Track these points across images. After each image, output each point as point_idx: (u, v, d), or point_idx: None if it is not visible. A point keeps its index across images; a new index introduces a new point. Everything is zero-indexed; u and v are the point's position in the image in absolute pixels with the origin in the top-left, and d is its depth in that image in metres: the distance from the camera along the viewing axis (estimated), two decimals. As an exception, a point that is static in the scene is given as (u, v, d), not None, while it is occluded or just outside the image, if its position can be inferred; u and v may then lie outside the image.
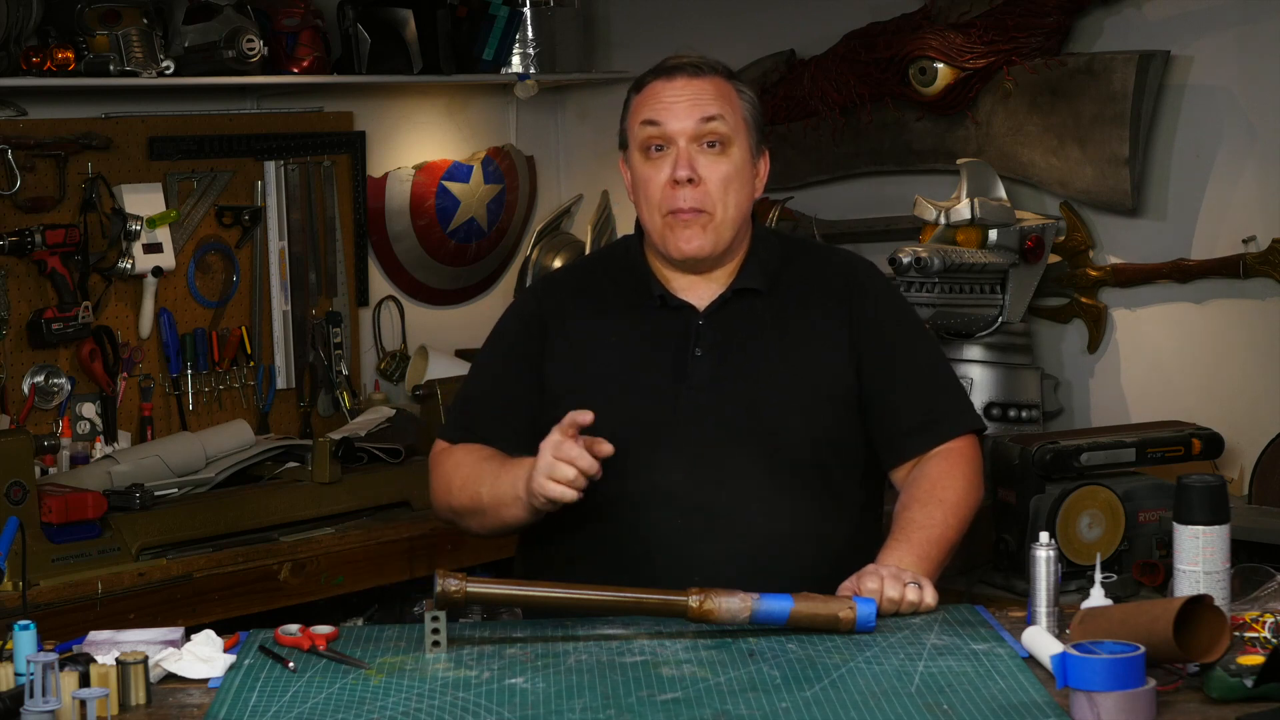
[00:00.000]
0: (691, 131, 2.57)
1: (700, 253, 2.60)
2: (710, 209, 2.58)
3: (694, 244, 2.59)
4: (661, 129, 2.58)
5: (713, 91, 2.59)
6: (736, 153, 2.61)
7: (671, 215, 2.58)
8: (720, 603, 2.35)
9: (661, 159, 2.58)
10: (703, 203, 2.58)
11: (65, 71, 3.80)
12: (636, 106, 2.63)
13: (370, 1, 4.33)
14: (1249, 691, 2.08)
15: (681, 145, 2.57)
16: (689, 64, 2.61)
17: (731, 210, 2.60)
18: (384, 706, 2.14)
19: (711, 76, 2.61)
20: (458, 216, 4.72)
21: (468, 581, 2.35)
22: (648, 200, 2.61)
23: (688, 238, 2.59)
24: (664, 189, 2.58)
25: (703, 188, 2.57)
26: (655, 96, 2.60)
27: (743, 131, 2.62)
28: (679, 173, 2.56)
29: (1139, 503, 3.34)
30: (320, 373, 4.39)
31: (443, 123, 4.73)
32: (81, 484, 3.58)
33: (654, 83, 2.61)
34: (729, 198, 2.60)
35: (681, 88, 2.59)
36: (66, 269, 3.90)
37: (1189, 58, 3.83)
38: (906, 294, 3.75)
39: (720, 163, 2.59)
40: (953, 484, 2.61)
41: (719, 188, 2.59)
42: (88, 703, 2.00)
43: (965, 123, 4.08)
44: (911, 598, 2.45)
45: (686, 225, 2.58)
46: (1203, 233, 3.84)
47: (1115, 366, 4.01)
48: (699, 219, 2.58)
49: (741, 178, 2.62)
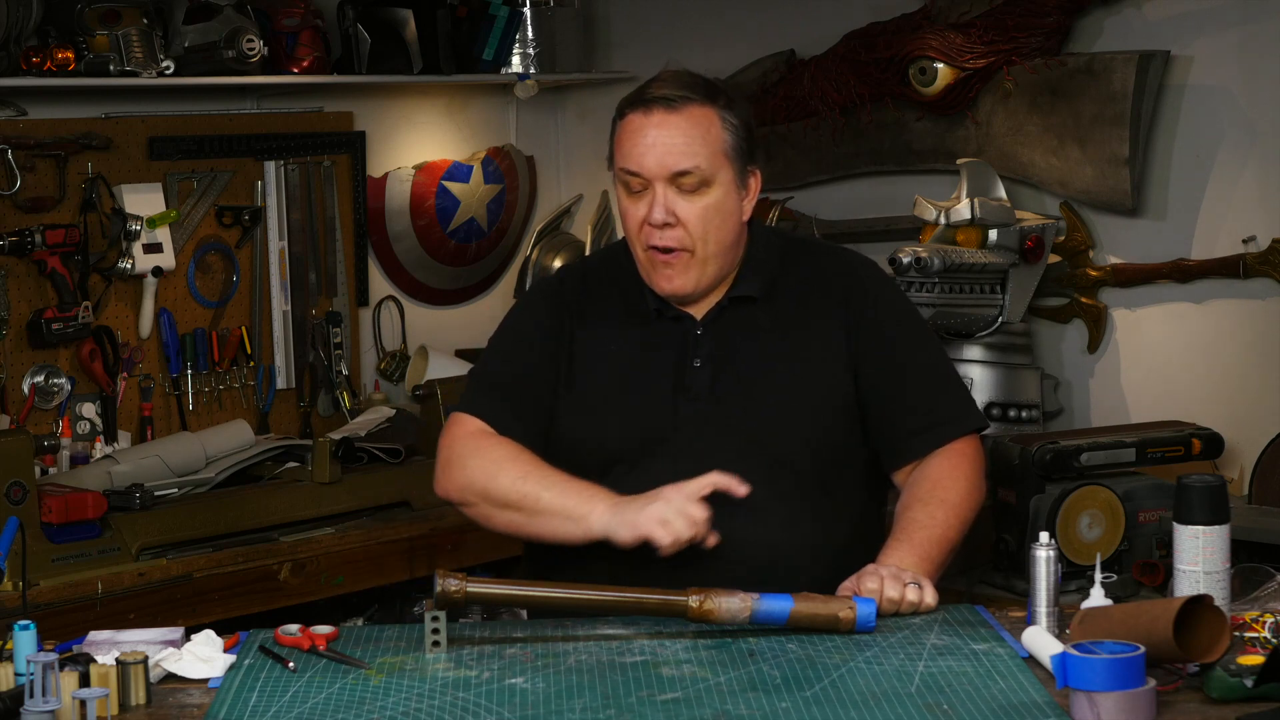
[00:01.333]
0: (667, 177, 2.54)
1: (681, 291, 2.59)
2: (690, 247, 2.56)
3: (674, 283, 2.58)
4: (639, 176, 2.55)
5: (690, 132, 2.54)
6: (717, 189, 2.57)
7: (652, 251, 2.57)
8: (720, 603, 2.35)
9: (640, 198, 2.56)
10: (682, 241, 2.56)
11: (65, 71, 3.80)
12: (618, 140, 2.60)
13: (370, 1, 4.33)
14: (1249, 691, 2.08)
15: (658, 190, 2.54)
16: (665, 97, 2.55)
17: (712, 246, 2.58)
18: (384, 706, 2.14)
19: (689, 109, 2.55)
20: (458, 216, 4.72)
21: (468, 581, 2.35)
22: (629, 233, 2.61)
23: (668, 277, 2.58)
24: (643, 225, 2.57)
25: (680, 228, 2.55)
26: (631, 137, 2.56)
27: (725, 165, 2.57)
28: (655, 215, 2.54)
29: (1139, 503, 3.34)
30: (320, 373, 4.39)
31: (443, 123, 4.73)
32: (81, 484, 3.58)
33: (632, 115, 2.57)
34: (709, 234, 2.57)
35: (657, 126, 2.54)
36: (66, 269, 3.90)
37: (1189, 58, 3.83)
38: (906, 294, 3.75)
39: (698, 202, 2.55)
40: (955, 484, 2.61)
41: (698, 227, 2.56)
42: (88, 703, 2.00)
43: (965, 123, 4.08)
44: (911, 598, 2.44)
45: (667, 265, 2.57)
46: (1203, 233, 3.84)
47: (1115, 366, 4.01)
48: (679, 258, 2.56)
49: (723, 211, 2.58)
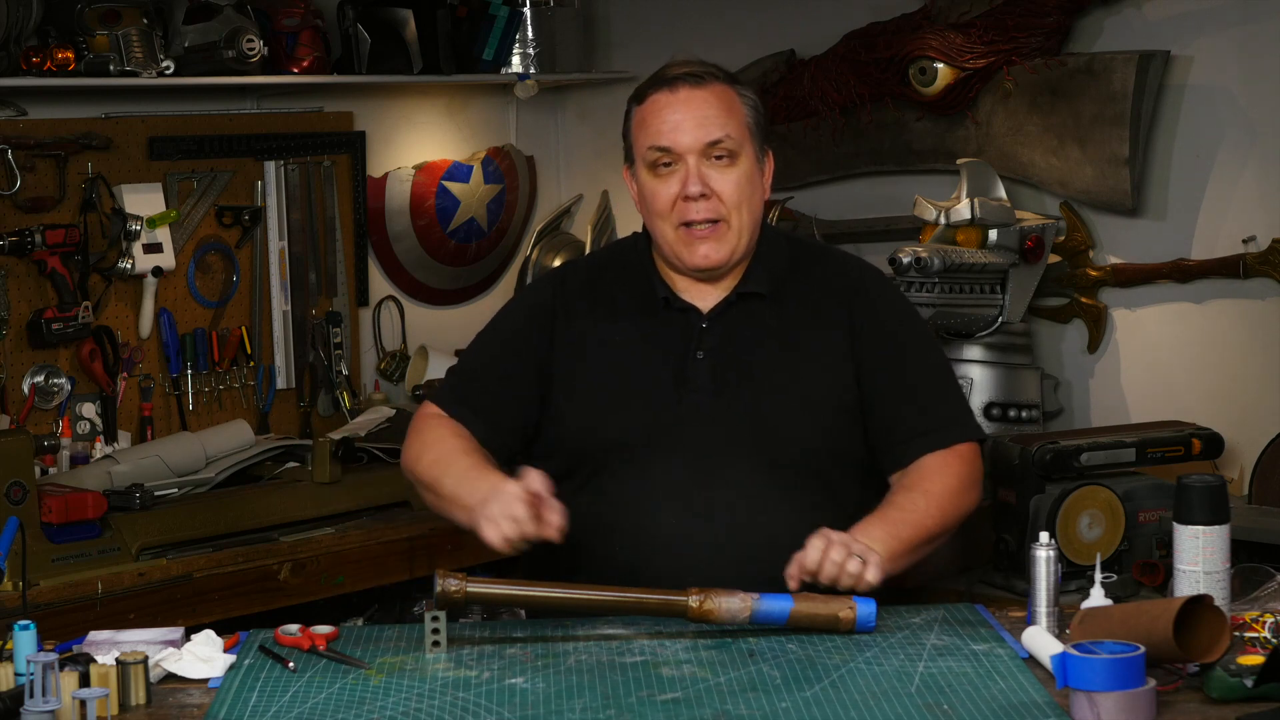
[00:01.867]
0: (700, 149, 2.58)
1: (718, 263, 2.62)
2: (725, 217, 2.60)
3: (711, 258, 2.61)
4: (669, 151, 2.59)
5: (716, 104, 2.59)
6: (744, 161, 2.61)
7: (685, 229, 2.60)
8: (720, 603, 2.35)
9: (670, 174, 2.59)
10: (718, 212, 2.59)
11: (65, 71, 3.80)
12: (640, 122, 2.63)
13: (370, 1, 4.33)
14: (1249, 691, 2.08)
15: (691, 162, 2.58)
16: (689, 74, 2.61)
17: (746, 217, 2.61)
18: (384, 706, 2.14)
19: (713, 85, 2.61)
20: (458, 216, 4.72)
21: (468, 581, 2.35)
22: (659, 214, 2.62)
23: (705, 253, 2.60)
24: (676, 203, 2.59)
25: (715, 200, 2.59)
26: (659, 114, 2.60)
27: (748, 139, 2.62)
28: (690, 188, 2.57)
29: (1139, 503, 3.34)
30: (320, 373, 4.39)
31: (443, 123, 4.73)
32: (81, 484, 3.58)
33: (656, 95, 2.62)
34: (742, 204, 2.60)
35: (685, 102, 2.59)
36: (66, 269, 3.90)
37: (1189, 58, 3.83)
38: (906, 294, 3.75)
39: (730, 173, 2.60)
40: (942, 478, 2.60)
41: (732, 197, 2.59)
42: (88, 703, 2.00)
43: (965, 123, 4.08)
44: (851, 568, 2.38)
45: (703, 239, 2.59)
46: (1203, 233, 3.84)
47: (1115, 366, 4.01)
48: (715, 230, 2.60)
49: (752, 184, 2.63)
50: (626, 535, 2.57)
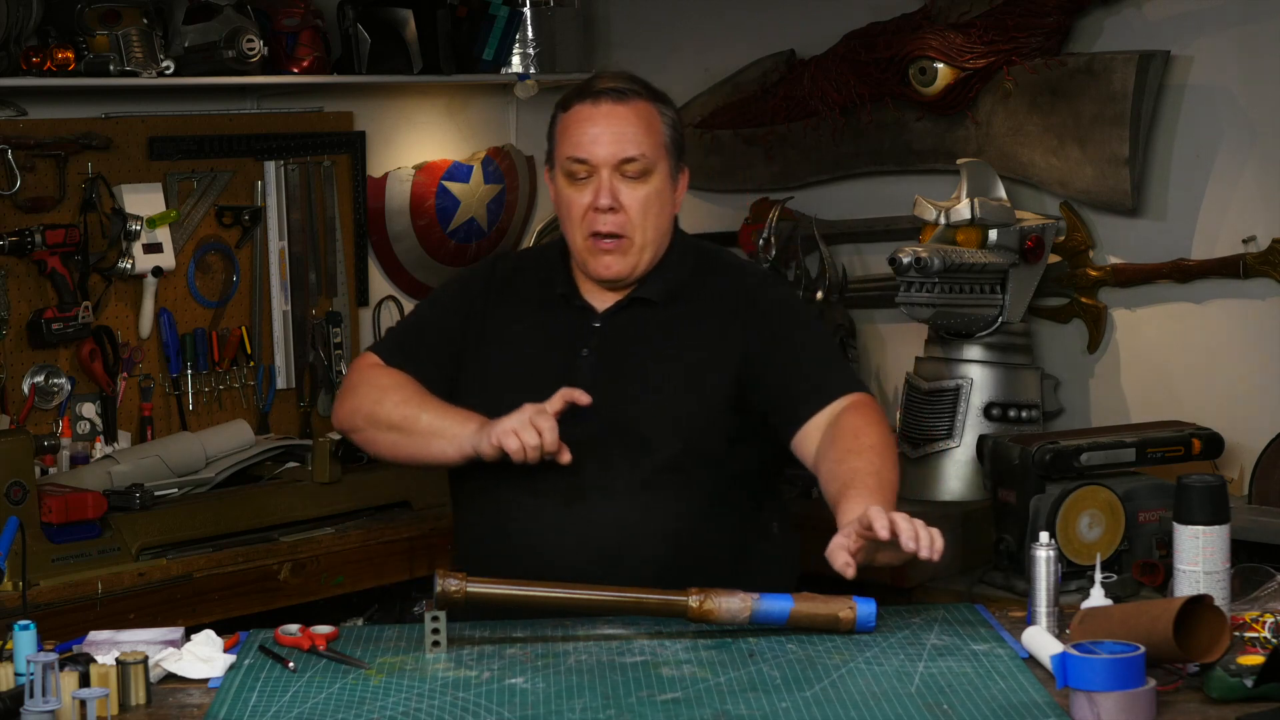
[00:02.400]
0: (614, 163, 2.67)
1: (620, 275, 2.72)
2: (630, 234, 2.69)
3: (613, 269, 2.71)
4: (585, 164, 2.68)
5: (636, 122, 2.69)
6: (656, 178, 2.70)
7: (592, 239, 2.70)
8: (720, 603, 2.36)
9: (585, 185, 2.69)
10: (623, 227, 2.69)
11: (65, 71, 3.79)
12: (562, 130, 2.73)
13: (370, 1, 4.33)
14: (1249, 691, 2.08)
15: (604, 175, 2.68)
16: (614, 89, 2.70)
17: (650, 233, 2.71)
18: (384, 706, 2.14)
19: (635, 102, 2.70)
20: (458, 216, 4.72)
21: (468, 581, 2.35)
22: (571, 221, 2.72)
23: (607, 264, 2.71)
24: (587, 212, 2.69)
25: (623, 214, 2.68)
26: (579, 126, 2.69)
27: (663, 157, 2.71)
28: (600, 201, 2.67)
29: (1139, 503, 3.34)
30: (320, 373, 4.39)
31: (443, 123, 4.72)
32: (81, 484, 3.58)
33: (580, 106, 2.71)
34: (648, 222, 2.70)
35: (605, 116, 2.68)
36: (66, 269, 3.90)
37: (1189, 58, 3.83)
38: (906, 294, 3.75)
39: (640, 189, 2.69)
40: (871, 430, 2.62)
41: (639, 214, 2.69)
42: (88, 703, 2.00)
43: (965, 123, 4.08)
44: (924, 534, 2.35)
45: (607, 251, 2.70)
46: (1203, 233, 3.84)
47: (1115, 366, 4.01)
48: (619, 244, 2.70)
49: (660, 201, 2.72)
50: (502, 517, 2.67)
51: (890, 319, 4.32)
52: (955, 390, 3.83)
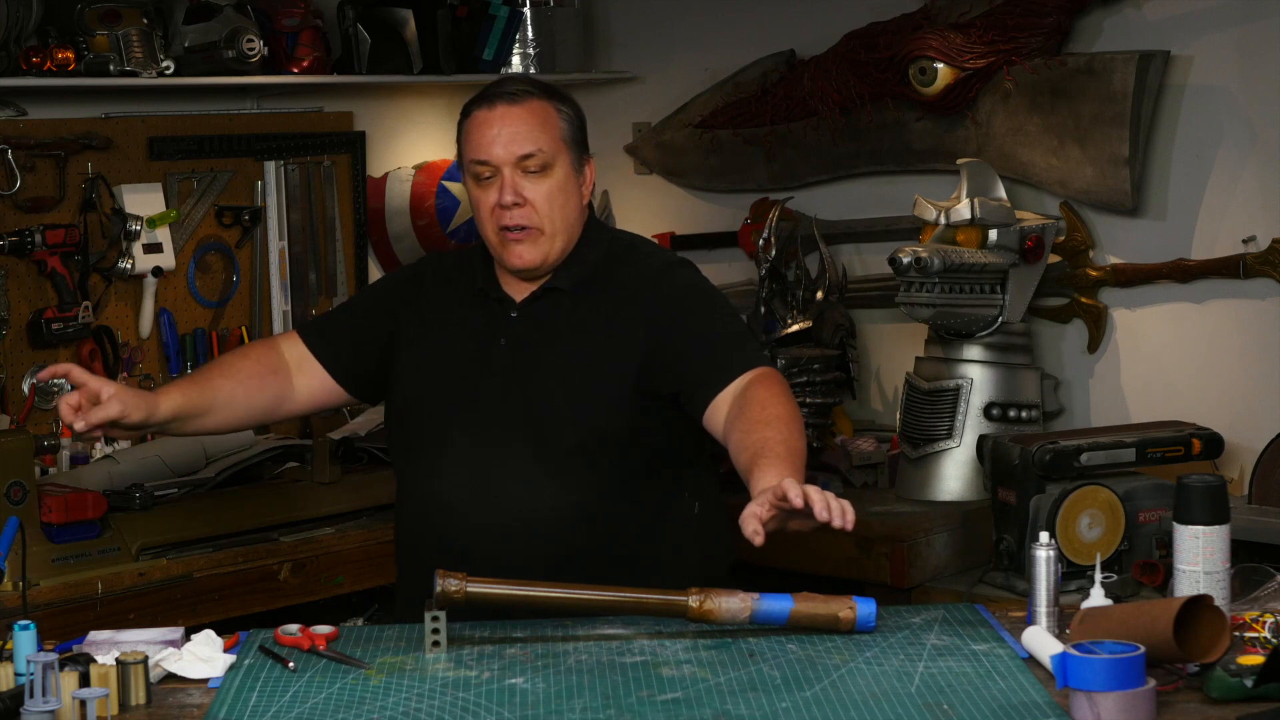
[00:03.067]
0: (513, 161, 2.77)
1: (532, 264, 2.80)
2: (539, 225, 2.78)
3: (525, 258, 2.79)
4: (487, 164, 2.78)
5: (530, 120, 2.78)
6: (558, 171, 2.79)
7: (504, 232, 2.79)
8: (720, 603, 2.36)
9: (490, 185, 2.79)
10: (530, 219, 2.78)
11: (65, 71, 3.79)
12: (465, 136, 2.82)
13: (370, 1, 4.33)
14: (1249, 691, 2.08)
15: (506, 173, 2.77)
16: (508, 92, 2.80)
17: (559, 223, 2.80)
18: (384, 706, 2.14)
19: (529, 101, 2.79)
20: (458, 216, 4.72)
21: (468, 581, 2.35)
22: (481, 219, 2.81)
23: (519, 253, 2.79)
24: (494, 210, 2.78)
25: (528, 208, 2.77)
26: (479, 130, 2.79)
27: (563, 151, 2.80)
28: (505, 198, 2.76)
29: (1139, 503, 3.34)
30: (320, 373, 4.39)
31: (443, 123, 4.72)
32: (81, 484, 3.58)
33: (477, 112, 2.81)
34: (555, 212, 2.79)
35: (501, 118, 2.78)
36: (66, 269, 3.90)
37: (1189, 58, 3.83)
38: (906, 294, 3.75)
39: (543, 183, 2.78)
40: (777, 402, 2.65)
41: (544, 205, 2.78)
42: (88, 703, 2.00)
43: (965, 123, 4.08)
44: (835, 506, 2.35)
45: (518, 241, 2.78)
46: (1203, 233, 3.84)
47: (1115, 366, 4.01)
48: (529, 235, 2.78)
49: (565, 191, 2.81)
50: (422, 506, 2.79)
51: (890, 319, 4.32)
52: (955, 390, 3.83)
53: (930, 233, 3.85)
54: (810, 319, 4.15)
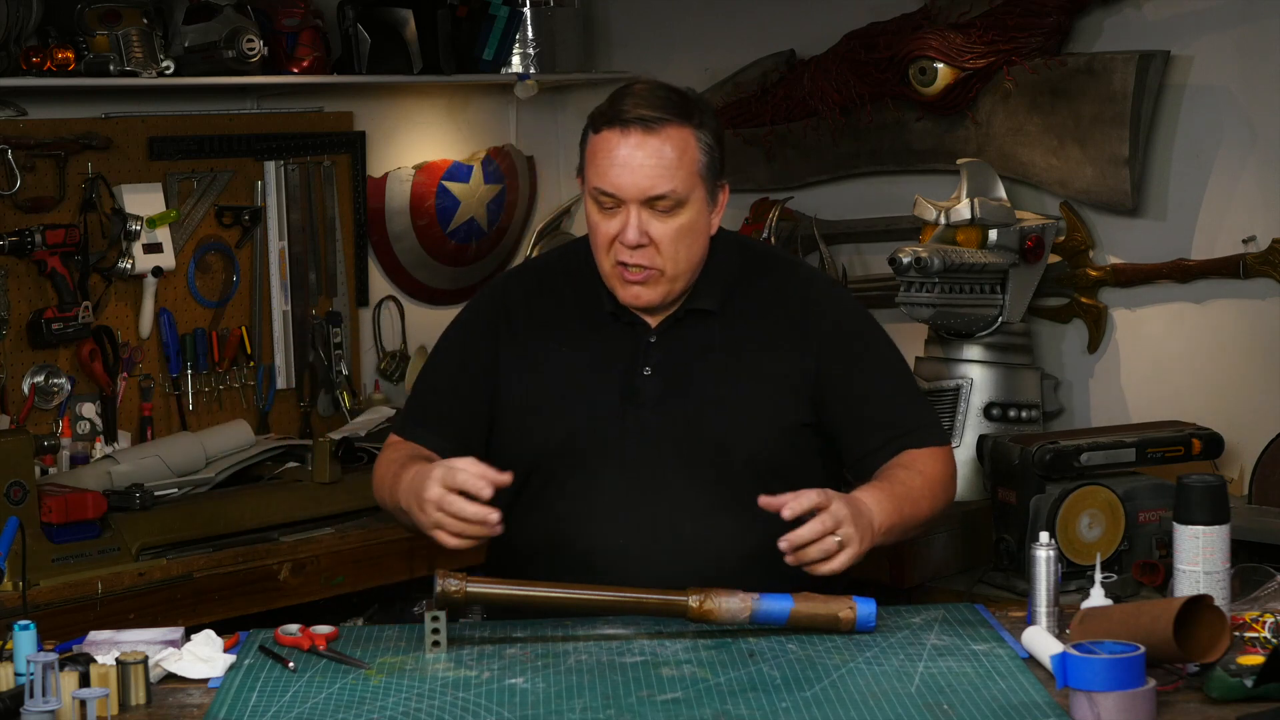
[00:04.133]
0: (643, 199, 2.54)
1: (649, 304, 2.60)
2: (661, 266, 2.56)
3: (642, 299, 2.59)
4: (612, 196, 2.55)
5: (666, 155, 2.52)
6: (690, 209, 2.56)
7: (620, 266, 2.57)
8: (720, 603, 2.35)
9: (613, 214, 2.56)
10: (653, 261, 2.56)
11: (65, 71, 3.79)
12: (591, 155, 2.58)
13: (370, 1, 4.33)
14: (1249, 691, 2.08)
15: (633, 211, 2.54)
16: (643, 116, 2.53)
17: (683, 264, 2.58)
18: (384, 706, 2.14)
19: (667, 129, 2.53)
20: (458, 216, 4.72)
21: (468, 581, 2.35)
22: (598, 247, 2.60)
23: (635, 293, 2.59)
24: (614, 242, 2.56)
25: (652, 248, 2.55)
26: (608, 154, 2.54)
27: (698, 185, 2.56)
28: (628, 236, 2.54)
29: (1139, 503, 3.34)
30: (320, 373, 4.39)
31: (443, 123, 4.72)
32: (81, 484, 3.58)
33: (608, 133, 2.55)
34: (680, 253, 2.57)
35: (635, 148, 2.52)
36: (66, 269, 3.90)
37: (1189, 58, 3.83)
38: (906, 294, 3.75)
39: (672, 222, 2.55)
40: (932, 465, 2.61)
41: (670, 246, 2.55)
42: (88, 703, 2.00)
43: (965, 123, 4.08)
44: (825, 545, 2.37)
45: (635, 281, 2.57)
46: (1203, 233, 3.84)
47: (1115, 366, 4.01)
48: (648, 275, 2.57)
49: (695, 230, 2.58)
50: (570, 552, 2.56)
51: (890, 319, 4.31)
52: (955, 390, 3.83)
53: (930, 233, 3.85)
54: (810, 319, 4.15)
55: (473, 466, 2.39)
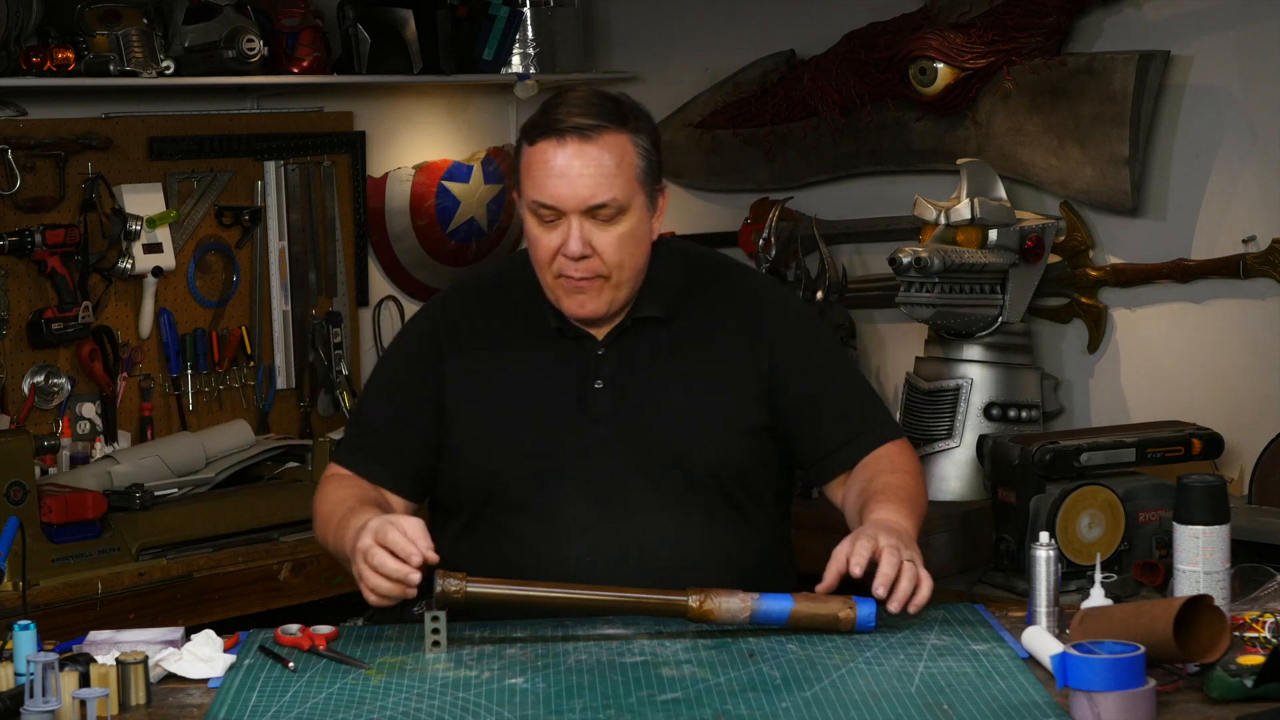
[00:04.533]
0: (584, 210, 2.47)
1: (594, 314, 2.54)
2: (605, 274, 2.51)
3: (588, 308, 2.53)
4: (552, 209, 2.48)
5: (604, 162, 2.47)
6: (631, 216, 2.50)
7: (564, 279, 2.51)
8: (720, 603, 2.35)
9: (553, 227, 2.49)
10: (597, 270, 2.50)
11: (65, 71, 3.80)
12: (527, 167, 2.51)
13: (370, 1, 4.33)
14: (1249, 691, 2.08)
15: (574, 222, 2.47)
16: (579, 125, 2.47)
17: (627, 272, 2.53)
18: (384, 706, 2.14)
19: (604, 136, 2.47)
20: (458, 216, 4.72)
21: (468, 581, 2.35)
22: (539, 261, 2.53)
23: (580, 303, 2.53)
24: (556, 255, 2.50)
25: (596, 258, 2.49)
26: (545, 166, 2.48)
27: (637, 191, 2.50)
28: (571, 248, 2.48)
29: (1139, 503, 3.34)
30: (320, 373, 4.39)
31: (443, 123, 4.73)
32: (81, 484, 3.58)
33: (544, 144, 2.48)
34: (624, 261, 2.51)
35: (572, 157, 2.46)
36: (66, 269, 3.90)
37: (1189, 58, 3.83)
38: (906, 294, 3.75)
39: (613, 230, 2.49)
40: (904, 459, 2.61)
41: (614, 255, 2.50)
42: (88, 703, 2.00)
43: (965, 123, 4.08)
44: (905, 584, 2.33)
45: (580, 290, 2.51)
46: (1203, 233, 3.84)
47: (1115, 366, 4.01)
48: (593, 284, 2.51)
49: (637, 236, 2.52)
50: (535, 574, 2.47)
51: (890, 319, 4.32)
52: (955, 390, 3.83)
53: (930, 233, 3.85)
54: (810, 319, 4.15)
55: (411, 529, 2.33)
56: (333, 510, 2.53)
